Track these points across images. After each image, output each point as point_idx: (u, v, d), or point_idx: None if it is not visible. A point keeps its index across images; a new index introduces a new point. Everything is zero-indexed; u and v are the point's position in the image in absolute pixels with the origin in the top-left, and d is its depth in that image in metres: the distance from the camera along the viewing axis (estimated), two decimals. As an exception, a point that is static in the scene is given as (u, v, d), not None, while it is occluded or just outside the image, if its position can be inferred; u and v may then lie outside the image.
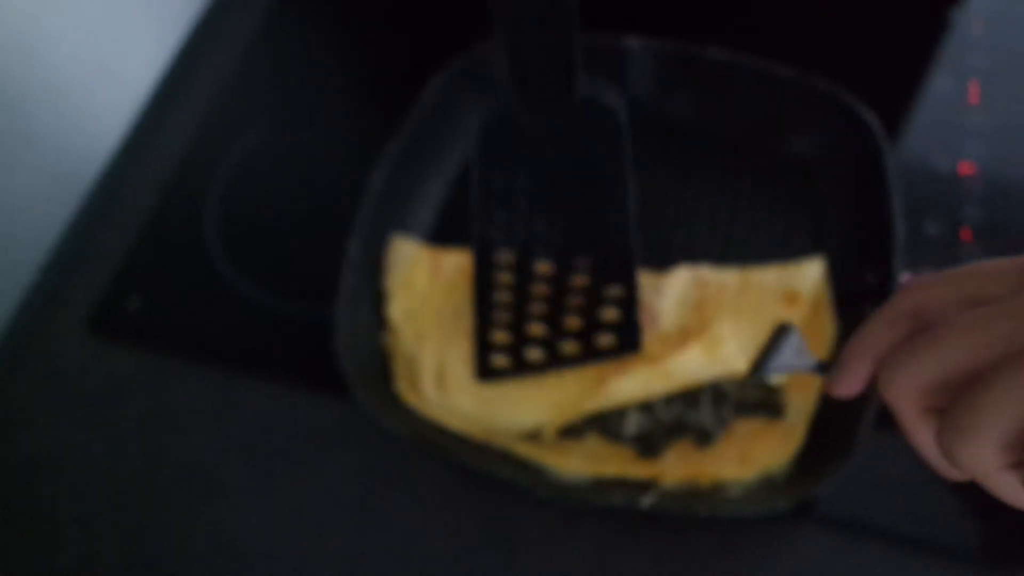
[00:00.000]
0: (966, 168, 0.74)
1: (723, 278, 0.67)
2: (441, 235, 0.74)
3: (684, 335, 0.65)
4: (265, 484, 0.67)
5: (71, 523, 0.67)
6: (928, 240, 0.71)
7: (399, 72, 0.85)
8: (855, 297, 0.66)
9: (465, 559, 0.63)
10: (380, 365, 0.68)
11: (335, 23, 0.92)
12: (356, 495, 0.66)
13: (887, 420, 0.39)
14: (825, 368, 0.43)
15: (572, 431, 0.65)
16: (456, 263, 0.71)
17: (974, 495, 0.60)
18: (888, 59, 0.79)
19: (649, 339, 0.65)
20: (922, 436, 0.35)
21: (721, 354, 0.64)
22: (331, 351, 0.65)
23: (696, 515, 0.60)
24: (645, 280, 0.67)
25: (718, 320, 0.65)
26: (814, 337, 0.65)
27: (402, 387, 0.67)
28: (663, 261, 0.71)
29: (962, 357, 0.32)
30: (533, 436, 0.65)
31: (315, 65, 0.89)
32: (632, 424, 0.65)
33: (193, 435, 0.69)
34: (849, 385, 0.37)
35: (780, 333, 0.48)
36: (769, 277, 0.67)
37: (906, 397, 0.34)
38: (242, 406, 0.70)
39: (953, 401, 0.31)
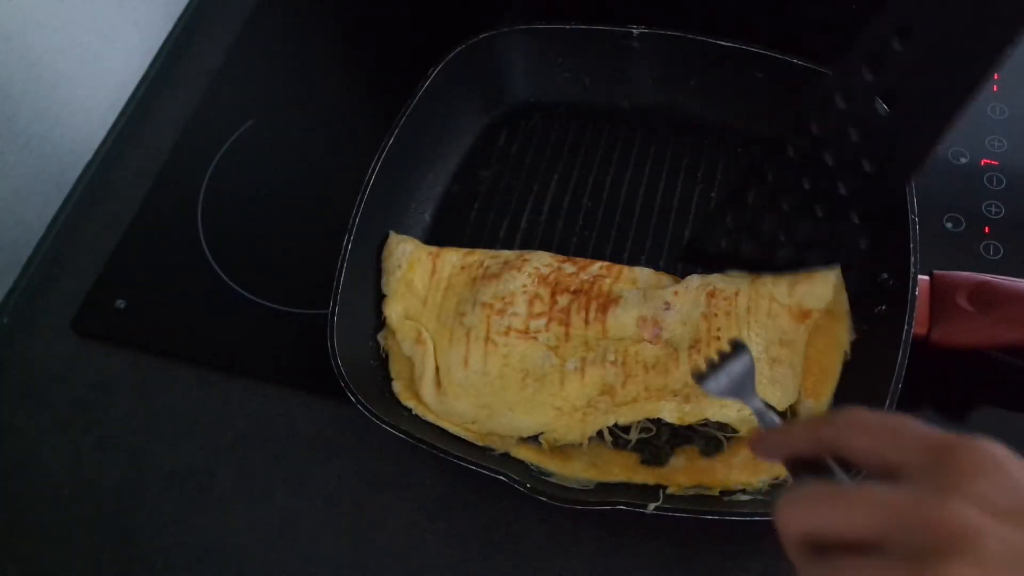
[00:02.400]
0: (987, 162, 0.72)
1: (734, 288, 0.66)
2: (439, 234, 0.73)
3: (693, 344, 0.64)
4: (257, 487, 0.66)
5: (54, 528, 0.66)
6: (948, 237, 0.70)
7: (394, 65, 0.84)
8: (872, 298, 0.64)
9: (465, 566, 0.62)
10: (376, 365, 0.67)
11: (328, 10, 0.91)
12: (351, 499, 0.65)
13: None
14: (762, 415, 0.49)
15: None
16: (455, 262, 0.70)
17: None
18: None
19: (654, 351, 0.64)
20: (798, 565, 0.38)
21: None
22: (325, 351, 0.63)
23: (703, 519, 0.58)
24: (653, 291, 0.66)
25: (727, 333, 0.63)
26: (828, 347, 0.63)
27: (400, 388, 0.66)
28: (669, 259, 0.70)
29: (842, 527, 0.36)
30: (533, 440, 0.64)
31: (308, 58, 0.88)
32: (634, 433, 0.63)
33: (181, 437, 0.68)
34: (765, 458, 0.45)
35: (736, 352, 0.52)
36: (781, 290, 0.65)
37: (789, 531, 0.38)
38: (233, 407, 0.69)
39: (825, 561, 0.36)
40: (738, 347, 0.51)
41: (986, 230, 0.70)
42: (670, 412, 0.62)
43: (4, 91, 0.72)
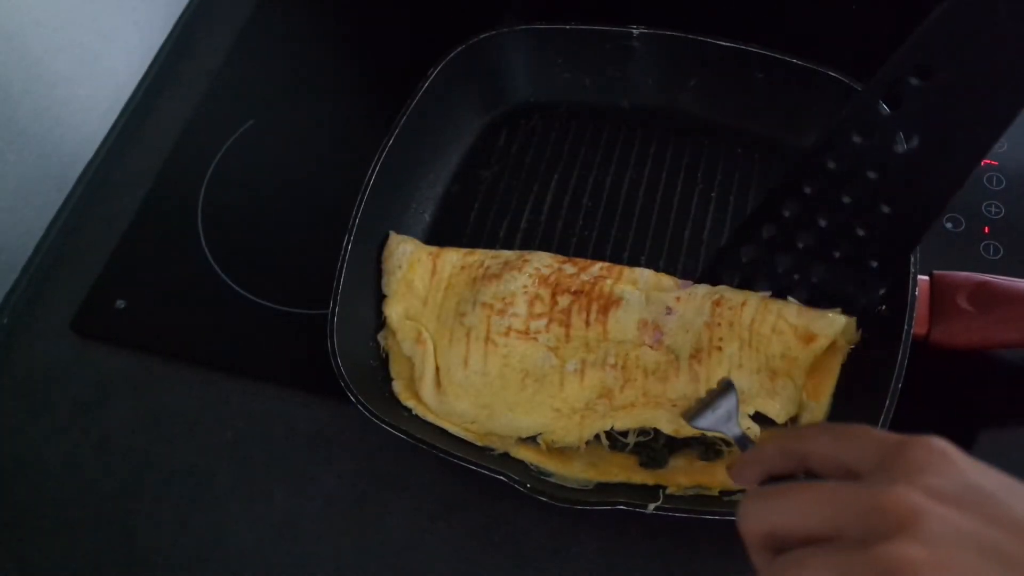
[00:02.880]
0: (986, 162, 0.72)
1: (740, 299, 0.65)
2: (439, 234, 0.73)
3: (694, 353, 0.63)
4: (257, 487, 0.65)
5: (54, 528, 0.65)
6: (948, 237, 0.69)
7: (394, 66, 0.84)
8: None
9: (465, 566, 0.62)
10: (376, 365, 0.67)
11: (328, 10, 0.91)
12: (351, 498, 0.65)
13: (904, 428, 0.40)
14: (742, 442, 0.53)
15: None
16: (455, 262, 0.69)
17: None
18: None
19: (654, 356, 0.63)
20: (759, 567, 0.40)
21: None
22: (325, 351, 0.63)
23: (703, 519, 0.58)
24: (655, 294, 0.66)
25: (729, 344, 0.63)
26: (828, 349, 0.63)
27: (400, 388, 0.66)
28: (669, 259, 0.70)
29: (796, 521, 0.38)
30: (532, 440, 0.63)
31: (308, 58, 0.88)
32: (632, 436, 0.63)
33: (182, 437, 0.68)
34: (743, 483, 0.45)
35: (724, 390, 0.56)
36: (790, 309, 0.64)
37: (749, 532, 0.39)
38: (233, 407, 0.69)
39: (780, 558, 0.37)
40: (727, 386, 0.56)
41: (986, 230, 0.70)
42: (666, 423, 0.61)
43: (4, 91, 0.72)
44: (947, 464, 0.37)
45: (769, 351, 0.63)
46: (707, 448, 0.61)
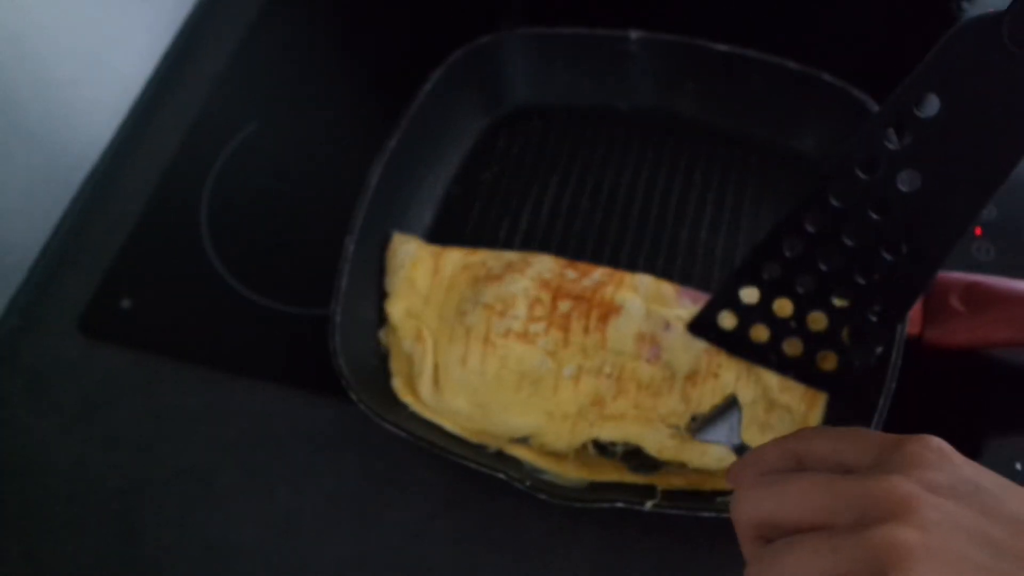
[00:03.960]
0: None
1: None
2: (440, 235, 0.73)
3: (690, 375, 0.63)
4: (260, 486, 0.66)
5: (61, 526, 0.66)
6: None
7: (396, 68, 0.84)
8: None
9: (465, 563, 0.62)
10: (377, 364, 0.67)
11: (331, 15, 0.91)
12: (353, 497, 0.65)
13: (897, 428, 0.41)
14: (740, 450, 0.53)
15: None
16: (458, 261, 0.70)
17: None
18: (898, 52, 0.78)
19: (650, 370, 0.64)
20: (750, 558, 0.40)
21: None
22: (327, 351, 0.64)
23: (701, 516, 0.58)
24: (655, 307, 0.66)
25: (726, 371, 0.63)
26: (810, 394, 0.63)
27: (398, 385, 0.66)
28: (667, 260, 0.71)
29: (790, 510, 0.38)
30: (524, 441, 0.64)
31: (311, 61, 0.88)
32: (620, 446, 0.63)
33: (186, 436, 0.68)
34: (739, 485, 0.43)
35: (729, 405, 0.57)
36: None
37: (742, 521, 0.40)
38: (237, 406, 0.69)
39: (770, 544, 0.38)
40: (732, 402, 0.58)
41: (978, 232, 0.70)
42: (651, 443, 0.62)
43: (12, 94, 0.72)
44: (944, 460, 0.37)
45: (768, 382, 0.63)
46: None
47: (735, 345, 0.63)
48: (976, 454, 0.61)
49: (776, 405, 0.63)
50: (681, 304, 0.66)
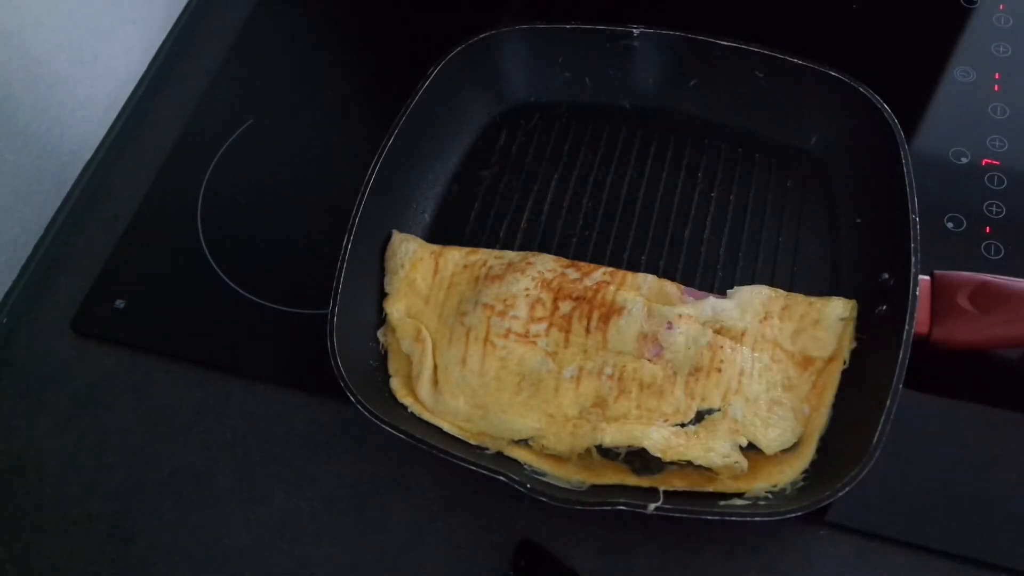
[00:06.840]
0: (987, 161, 0.72)
1: (741, 328, 0.65)
2: (439, 234, 0.73)
3: (693, 372, 0.63)
4: (256, 487, 0.65)
5: (53, 529, 0.65)
6: (949, 236, 0.69)
7: (394, 65, 0.84)
8: (872, 298, 0.64)
9: (464, 566, 0.62)
10: (376, 365, 0.67)
11: (328, 12, 0.91)
12: (351, 499, 0.64)
13: (905, 428, 0.39)
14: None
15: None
16: (458, 261, 0.69)
17: (984, 503, 0.59)
18: (905, 49, 0.78)
19: (652, 369, 0.63)
20: None
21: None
22: (324, 351, 0.63)
23: (704, 519, 0.58)
24: (657, 307, 0.65)
25: (730, 366, 0.63)
26: (818, 387, 0.63)
27: (397, 385, 0.66)
28: (669, 259, 0.70)
29: None
30: (524, 443, 0.63)
31: (307, 57, 0.88)
32: (623, 448, 0.63)
33: (181, 437, 0.68)
34: None
35: None
36: (785, 336, 0.64)
37: None
38: (233, 407, 0.69)
39: None
40: None
41: (987, 230, 0.70)
42: (653, 444, 0.61)
43: (4, 90, 0.72)
44: None
45: (770, 379, 0.63)
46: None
47: None
48: (983, 455, 0.61)
49: (778, 404, 0.62)
50: (685, 303, 0.66)
